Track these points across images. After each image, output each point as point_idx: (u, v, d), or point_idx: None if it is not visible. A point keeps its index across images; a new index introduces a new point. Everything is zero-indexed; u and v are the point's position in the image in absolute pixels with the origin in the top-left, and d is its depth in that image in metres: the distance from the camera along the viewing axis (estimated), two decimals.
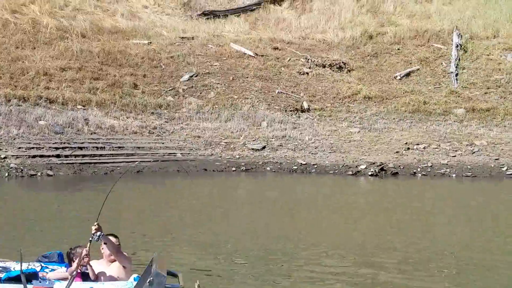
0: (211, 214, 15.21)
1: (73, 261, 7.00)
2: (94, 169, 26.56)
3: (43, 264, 7.95)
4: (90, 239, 6.60)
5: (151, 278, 4.08)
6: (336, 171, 29.56)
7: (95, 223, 6.56)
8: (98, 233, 6.42)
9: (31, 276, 7.12)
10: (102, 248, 6.79)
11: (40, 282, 7.10)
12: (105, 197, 7.10)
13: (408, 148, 32.00)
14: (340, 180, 27.33)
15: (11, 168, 25.28)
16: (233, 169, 28.88)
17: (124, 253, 6.72)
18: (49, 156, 26.67)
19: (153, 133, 30.58)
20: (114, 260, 6.54)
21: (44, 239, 11.37)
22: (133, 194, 20.52)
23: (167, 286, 4.11)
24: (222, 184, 25.62)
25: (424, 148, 32.12)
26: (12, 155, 26.00)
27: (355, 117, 34.45)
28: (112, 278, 6.58)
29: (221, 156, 30.03)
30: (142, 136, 30.21)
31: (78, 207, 16.19)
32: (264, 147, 30.65)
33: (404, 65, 39.05)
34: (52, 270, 7.78)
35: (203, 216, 15.75)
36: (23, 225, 13.57)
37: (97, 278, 6.67)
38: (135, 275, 6.94)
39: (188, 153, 29.72)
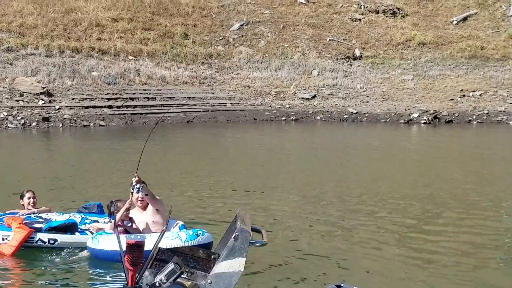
0: (262, 166, 14.75)
1: (115, 214, 6.93)
2: (145, 119, 26.46)
3: (83, 216, 8.03)
4: (132, 190, 6.59)
5: (236, 234, 4.07)
6: (388, 120, 28.96)
7: (135, 175, 6.57)
8: (138, 185, 6.43)
9: (71, 227, 7.30)
10: (138, 198, 6.80)
11: (100, 235, 7.19)
12: (143, 148, 6.93)
13: (464, 95, 31.00)
14: (392, 129, 26.69)
15: (65, 119, 25.49)
16: (283, 118, 28.56)
17: (156, 197, 6.84)
18: (101, 107, 26.75)
19: (203, 83, 30.38)
20: (146, 205, 6.72)
21: (92, 188, 11.36)
22: (183, 144, 20.35)
23: (251, 241, 4.23)
24: (271, 134, 25.15)
25: (480, 95, 31.06)
26: (66, 106, 26.19)
27: (408, 64, 33.52)
28: (149, 223, 6.80)
29: (271, 106, 29.66)
30: (193, 86, 30.04)
31: (128, 157, 16.08)
32: (314, 96, 30.25)
33: (461, 9, 37.55)
34: (92, 221, 7.80)
35: (253, 167, 15.37)
36: (75, 174, 13.56)
37: (139, 230, 6.71)
38: (180, 223, 7.12)
39: (238, 103, 29.48)
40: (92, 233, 7.49)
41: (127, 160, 16.02)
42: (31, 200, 8.07)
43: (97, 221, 7.82)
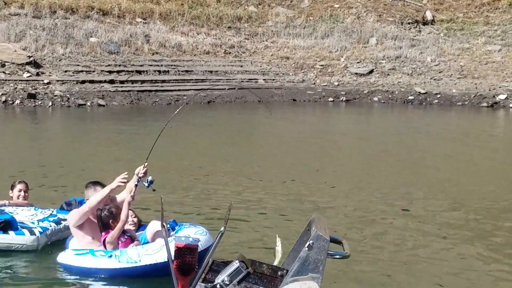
0: (304, 164, 14.73)
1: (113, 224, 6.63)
2: (155, 98, 26.53)
3: (54, 211, 8.24)
4: (136, 183, 6.39)
5: (311, 242, 4.13)
6: (466, 102, 28.71)
7: (145, 163, 6.45)
8: (150, 177, 6.29)
9: (6, 225, 7.43)
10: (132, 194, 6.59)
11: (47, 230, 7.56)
12: (160, 132, 6.85)
13: None
14: (471, 114, 26.33)
15: (55, 96, 25.50)
16: (330, 99, 28.20)
17: None
18: (101, 81, 26.76)
19: (230, 53, 30.57)
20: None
21: (83, 181, 11.13)
22: (200, 130, 20.48)
23: (329, 252, 4.29)
24: (315, 119, 24.91)
25: None
26: (57, 80, 26.26)
27: (495, 30, 33.24)
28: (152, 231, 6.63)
29: (315, 83, 29.51)
30: (216, 57, 30.22)
31: (131, 145, 16.25)
32: (371, 71, 29.98)
33: None
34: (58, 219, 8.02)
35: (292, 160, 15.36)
36: (65, 164, 13.71)
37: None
38: (170, 220, 7.14)
39: (273, 79, 29.40)
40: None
41: (129, 148, 16.10)
42: (22, 193, 8.41)
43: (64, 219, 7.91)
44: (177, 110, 7.46)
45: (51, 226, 7.81)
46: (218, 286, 4.06)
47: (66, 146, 16.98)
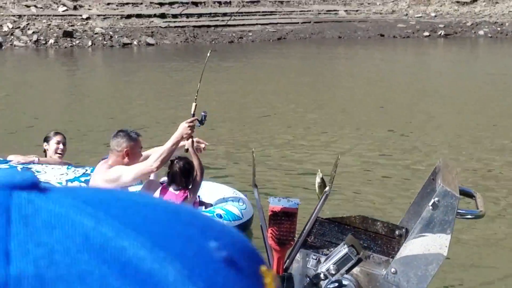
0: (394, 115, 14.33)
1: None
2: (215, 35, 26.53)
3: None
4: (193, 122, 6.65)
5: (436, 199, 4.11)
6: None
7: (194, 103, 6.77)
8: (202, 113, 6.55)
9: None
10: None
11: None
12: (203, 70, 6.95)
13: None
14: None
15: (96, 34, 25.57)
16: (426, 34, 28.15)
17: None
18: (150, 16, 26.85)
19: None
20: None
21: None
22: (270, 71, 20.01)
23: (459, 211, 4.26)
24: (409, 58, 24.31)
25: None
26: (98, 15, 26.26)
27: None
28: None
29: (407, 14, 29.24)
30: None
31: (184, 91, 15.98)
32: None
33: None
34: None
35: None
36: (107, 114, 13.78)
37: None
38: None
39: (357, 10, 29.34)
40: None
41: (181, 94, 15.76)
42: (60, 145, 8.42)
43: None
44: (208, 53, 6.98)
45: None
46: (322, 275, 4.02)
47: (109, 94, 16.91)
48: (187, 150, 6.77)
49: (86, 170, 8.37)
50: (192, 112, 6.74)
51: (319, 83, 18.67)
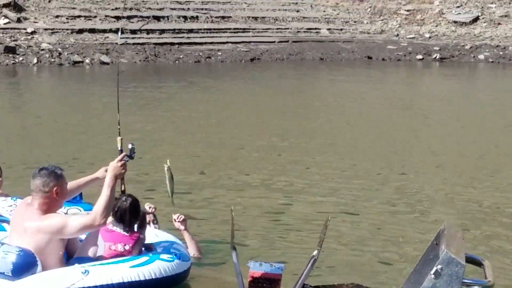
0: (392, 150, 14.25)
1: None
2: (179, 54, 26.34)
3: None
4: (123, 159, 6.91)
5: (439, 266, 4.19)
6: None
7: (118, 137, 7.04)
8: (130, 146, 6.94)
9: None
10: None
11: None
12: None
13: None
14: None
15: (42, 50, 25.37)
16: (419, 57, 28.02)
17: None
18: (105, 31, 26.82)
19: None
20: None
21: (79, 163, 11.83)
22: (241, 96, 19.88)
23: (465, 281, 4.37)
24: (399, 86, 24.03)
25: None
26: (46, 29, 26.27)
27: None
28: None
29: (398, 35, 29.43)
30: None
31: (141, 117, 16.09)
32: (476, 19, 30.09)
33: None
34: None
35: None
36: (53, 139, 14.01)
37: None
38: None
39: (341, 29, 29.51)
40: None
41: (138, 121, 15.76)
42: None
43: (78, 212, 8.24)
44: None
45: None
46: None
47: (54, 117, 16.94)
48: (123, 191, 7.23)
49: None
50: (119, 148, 7.02)
51: (298, 109, 18.65)
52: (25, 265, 6.73)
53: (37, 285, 6.81)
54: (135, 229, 7.16)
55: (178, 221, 7.70)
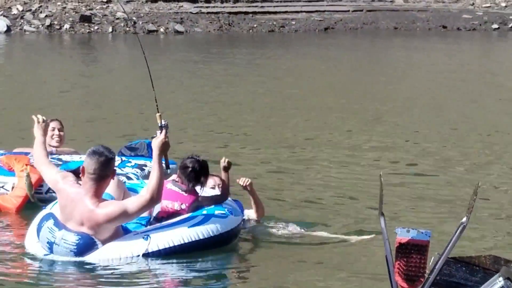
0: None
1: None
2: (253, 23, 26.30)
3: (124, 158, 9.08)
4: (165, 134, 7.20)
5: None
6: None
7: (157, 113, 7.43)
8: (165, 122, 7.33)
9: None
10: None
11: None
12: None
13: None
14: None
15: (117, 19, 25.44)
16: (494, 26, 27.53)
17: None
18: (178, 0, 26.78)
19: None
20: None
21: (143, 121, 12.10)
22: (313, 67, 19.50)
23: None
24: (475, 55, 23.72)
25: None
26: None
27: None
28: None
29: (473, 4, 28.78)
30: None
31: (214, 86, 16.03)
32: None
33: None
34: (136, 165, 8.87)
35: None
36: (121, 102, 14.32)
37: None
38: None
39: None
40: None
41: (211, 87, 15.91)
42: (55, 132, 8.95)
43: (145, 165, 8.78)
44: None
45: (137, 172, 8.67)
46: None
47: (126, 84, 17.01)
48: (167, 166, 7.59)
49: (121, 158, 8.95)
50: (160, 124, 7.28)
51: (373, 79, 18.33)
52: (86, 248, 6.84)
53: (105, 258, 6.98)
54: (196, 189, 7.25)
55: (244, 185, 7.67)
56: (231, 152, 10.19)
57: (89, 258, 6.91)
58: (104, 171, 6.61)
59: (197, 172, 7.23)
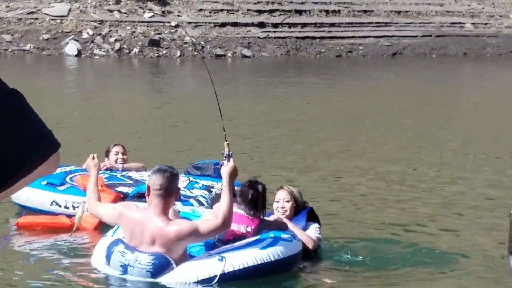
0: None
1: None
2: (320, 47, 26.37)
3: (191, 178, 9.23)
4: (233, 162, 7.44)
5: None
6: None
7: (225, 142, 7.45)
8: (229, 152, 7.39)
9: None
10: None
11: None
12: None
13: None
14: None
15: (185, 43, 25.59)
16: None
17: None
18: (247, 24, 26.91)
19: None
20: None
21: (209, 144, 12.34)
22: (383, 93, 19.45)
23: None
24: None
25: None
26: (189, 22, 26.46)
27: None
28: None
29: None
30: None
31: (283, 108, 16.08)
32: None
33: None
34: (204, 186, 9.00)
35: None
36: (188, 126, 14.64)
37: None
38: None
39: (486, 23, 28.71)
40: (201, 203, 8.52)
41: (279, 113, 15.89)
42: (119, 156, 9.40)
43: (212, 187, 8.92)
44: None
45: (205, 194, 8.80)
46: None
47: (193, 107, 17.20)
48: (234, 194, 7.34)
49: (189, 178, 9.12)
50: (227, 153, 7.40)
51: (442, 109, 18.09)
52: (162, 267, 6.94)
53: (181, 278, 7.10)
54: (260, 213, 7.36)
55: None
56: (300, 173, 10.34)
57: (166, 278, 6.96)
58: (169, 187, 6.71)
59: (256, 201, 7.31)
